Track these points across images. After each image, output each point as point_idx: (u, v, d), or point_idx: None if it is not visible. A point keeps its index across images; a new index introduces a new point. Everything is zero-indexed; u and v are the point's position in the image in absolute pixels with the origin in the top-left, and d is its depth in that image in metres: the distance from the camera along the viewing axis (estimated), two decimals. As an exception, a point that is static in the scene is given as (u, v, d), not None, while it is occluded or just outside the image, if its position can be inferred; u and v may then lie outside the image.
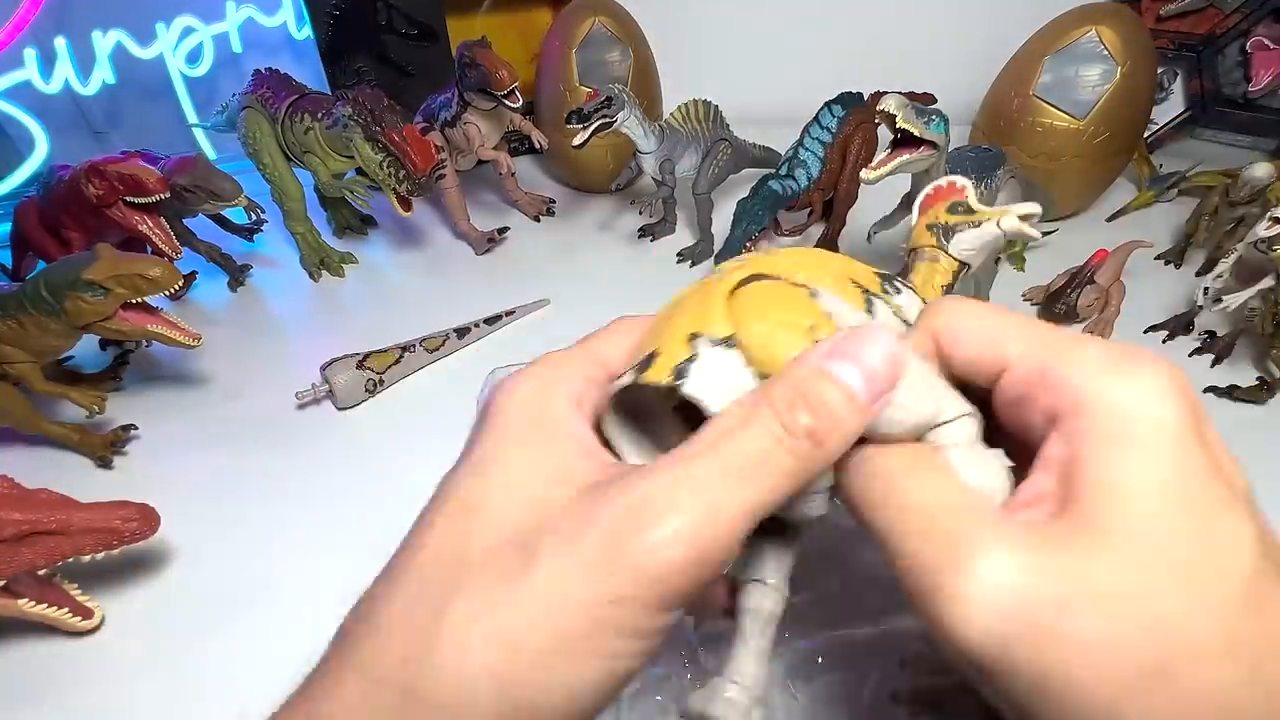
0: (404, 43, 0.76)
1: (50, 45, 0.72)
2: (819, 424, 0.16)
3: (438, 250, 0.72)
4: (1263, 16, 0.72)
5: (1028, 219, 0.31)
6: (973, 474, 0.18)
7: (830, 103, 0.64)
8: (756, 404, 0.16)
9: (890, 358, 0.17)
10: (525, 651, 0.15)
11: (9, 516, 0.34)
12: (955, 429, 0.18)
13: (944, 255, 0.32)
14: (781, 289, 0.20)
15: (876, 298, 0.23)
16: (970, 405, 0.19)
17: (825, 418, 0.16)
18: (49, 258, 0.59)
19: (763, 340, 0.18)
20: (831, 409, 0.16)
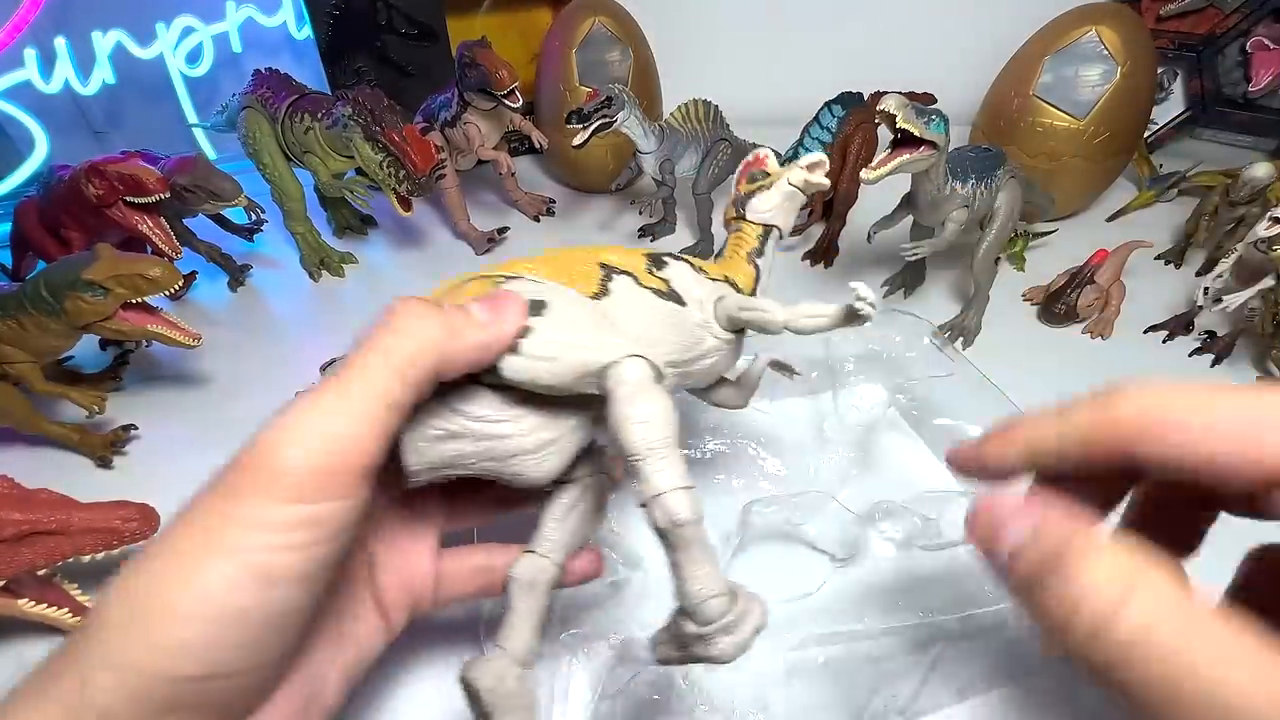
0: (404, 43, 0.75)
1: (50, 45, 0.72)
2: (405, 320, 0.21)
3: (438, 250, 0.72)
4: (1263, 16, 0.72)
5: (815, 168, 0.33)
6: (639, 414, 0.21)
7: (830, 103, 0.64)
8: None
9: (510, 301, 0.23)
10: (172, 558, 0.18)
11: (9, 516, 0.34)
12: (630, 366, 0.22)
13: (744, 223, 0.34)
14: (480, 282, 0.27)
15: (623, 274, 0.28)
16: (632, 346, 0.23)
17: (413, 315, 0.21)
18: (49, 258, 0.59)
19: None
20: (437, 313, 0.21)
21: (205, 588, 0.17)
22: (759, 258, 0.34)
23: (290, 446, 0.19)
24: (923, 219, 0.53)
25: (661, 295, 0.28)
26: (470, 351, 0.21)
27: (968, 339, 0.56)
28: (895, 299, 0.61)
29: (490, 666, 0.23)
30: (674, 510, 0.20)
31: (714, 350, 0.29)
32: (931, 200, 0.50)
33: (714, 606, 0.20)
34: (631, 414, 0.21)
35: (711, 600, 0.20)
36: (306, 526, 0.18)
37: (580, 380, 0.23)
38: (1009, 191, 0.53)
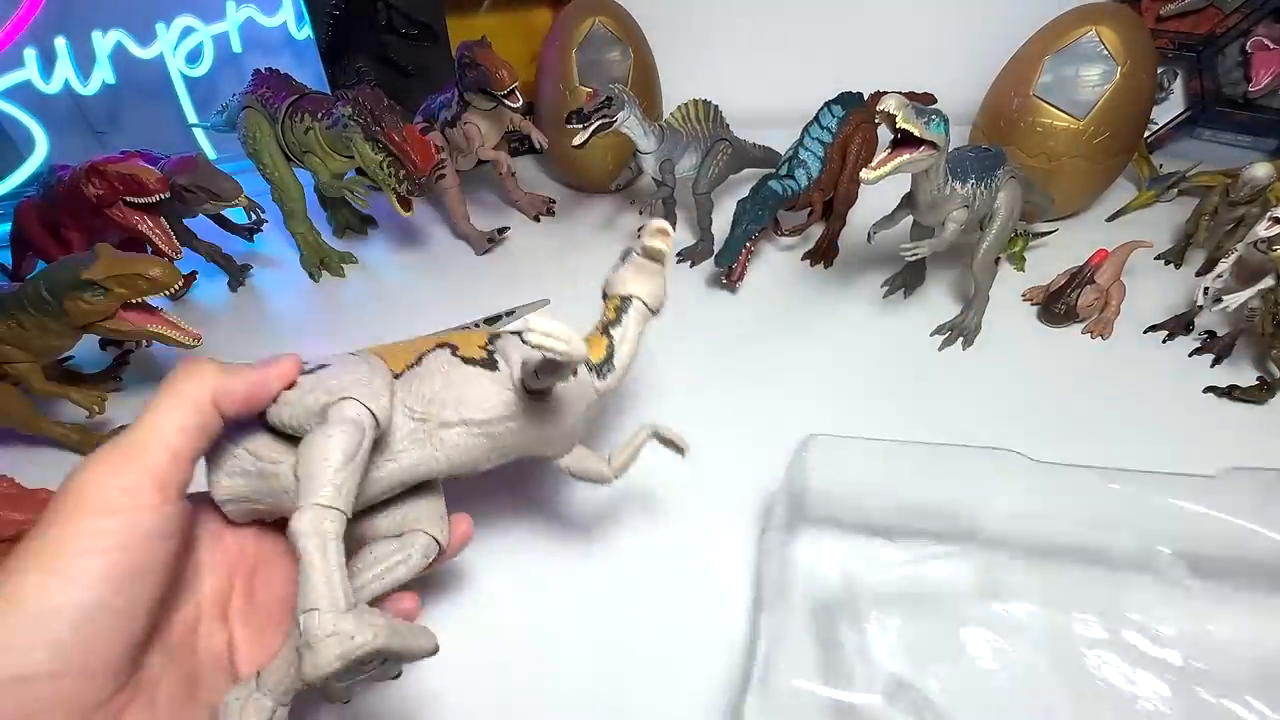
0: (404, 43, 0.76)
1: (50, 45, 0.72)
2: (196, 362, 0.27)
3: (438, 250, 0.72)
4: (1263, 16, 0.72)
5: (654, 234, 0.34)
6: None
7: (830, 103, 0.64)
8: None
9: (285, 360, 0.28)
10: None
11: (9, 516, 0.34)
12: (340, 407, 0.26)
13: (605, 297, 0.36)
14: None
15: (445, 348, 0.32)
16: (364, 391, 0.27)
17: (205, 361, 0.27)
18: (49, 258, 0.59)
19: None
20: (217, 366, 0.26)
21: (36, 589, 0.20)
22: (614, 328, 0.34)
23: (92, 478, 0.23)
24: (923, 219, 0.53)
25: (474, 362, 0.31)
26: (241, 387, 0.26)
27: (968, 339, 0.56)
28: (895, 299, 0.61)
29: (240, 689, 0.25)
30: (294, 524, 0.23)
31: (516, 413, 0.31)
32: (931, 200, 0.50)
33: (306, 620, 0.22)
34: (312, 436, 0.25)
35: (306, 613, 0.22)
36: (114, 532, 0.22)
37: (310, 419, 0.27)
38: (1009, 191, 0.53)
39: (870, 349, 0.56)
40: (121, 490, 0.22)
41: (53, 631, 0.20)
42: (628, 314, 0.34)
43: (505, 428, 0.31)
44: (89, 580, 0.21)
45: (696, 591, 0.39)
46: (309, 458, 0.24)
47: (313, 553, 0.23)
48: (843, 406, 0.51)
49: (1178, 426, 0.49)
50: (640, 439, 0.37)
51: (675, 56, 0.80)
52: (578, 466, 0.36)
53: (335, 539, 0.23)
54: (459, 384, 0.30)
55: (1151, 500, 0.36)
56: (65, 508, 0.22)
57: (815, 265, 0.67)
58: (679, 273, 0.67)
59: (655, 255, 0.34)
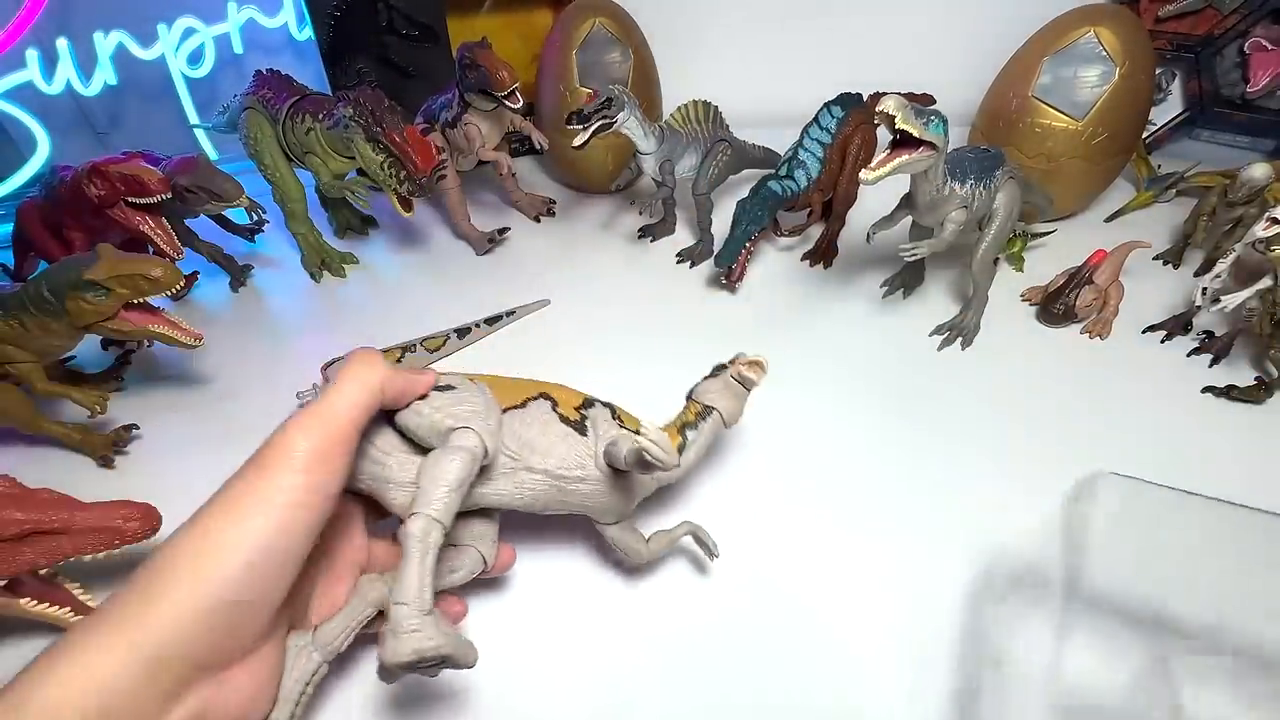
0: (405, 44, 0.76)
1: (52, 46, 0.73)
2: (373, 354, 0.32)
3: (438, 251, 0.72)
4: (1261, 18, 0.72)
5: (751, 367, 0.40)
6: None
7: (829, 103, 0.64)
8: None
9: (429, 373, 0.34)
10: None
11: (11, 516, 0.34)
12: (462, 435, 0.31)
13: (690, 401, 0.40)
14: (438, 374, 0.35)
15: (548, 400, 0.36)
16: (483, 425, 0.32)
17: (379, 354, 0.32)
18: (51, 258, 0.59)
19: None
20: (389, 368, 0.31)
21: (247, 533, 0.25)
22: (690, 430, 0.39)
23: (299, 434, 0.27)
24: (922, 219, 0.53)
25: (567, 422, 0.36)
26: (400, 385, 0.31)
27: (966, 339, 0.56)
28: (895, 299, 0.62)
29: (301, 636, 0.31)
30: (409, 527, 0.28)
31: (591, 479, 0.35)
32: (930, 201, 0.50)
33: (396, 611, 0.26)
34: (437, 456, 0.30)
35: (397, 605, 0.26)
36: (309, 489, 0.26)
37: (435, 436, 0.31)
38: (1007, 192, 0.54)
39: (869, 349, 0.57)
40: (320, 451, 0.27)
41: (266, 570, 0.25)
42: (706, 422, 0.39)
43: (576, 487, 0.35)
44: (263, 530, 0.25)
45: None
46: (431, 474, 0.29)
47: (415, 555, 0.27)
48: (842, 406, 0.51)
49: (1176, 426, 0.49)
50: (679, 533, 0.40)
51: (675, 57, 0.80)
52: (620, 538, 0.38)
53: (435, 549, 0.28)
54: (552, 438, 0.35)
55: None
56: (273, 461, 0.26)
57: (815, 265, 0.67)
58: (678, 273, 0.67)
59: (747, 384, 0.40)
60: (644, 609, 0.39)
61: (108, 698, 0.22)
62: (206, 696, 0.25)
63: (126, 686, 0.22)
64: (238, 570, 0.25)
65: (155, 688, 0.23)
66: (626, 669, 0.36)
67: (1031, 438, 0.48)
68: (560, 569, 0.41)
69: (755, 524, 0.43)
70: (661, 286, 0.65)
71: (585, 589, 0.40)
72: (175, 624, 0.24)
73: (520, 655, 0.37)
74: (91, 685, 0.22)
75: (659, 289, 0.65)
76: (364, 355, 0.31)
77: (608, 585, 0.40)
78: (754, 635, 0.38)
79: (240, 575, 0.25)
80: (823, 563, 0.41)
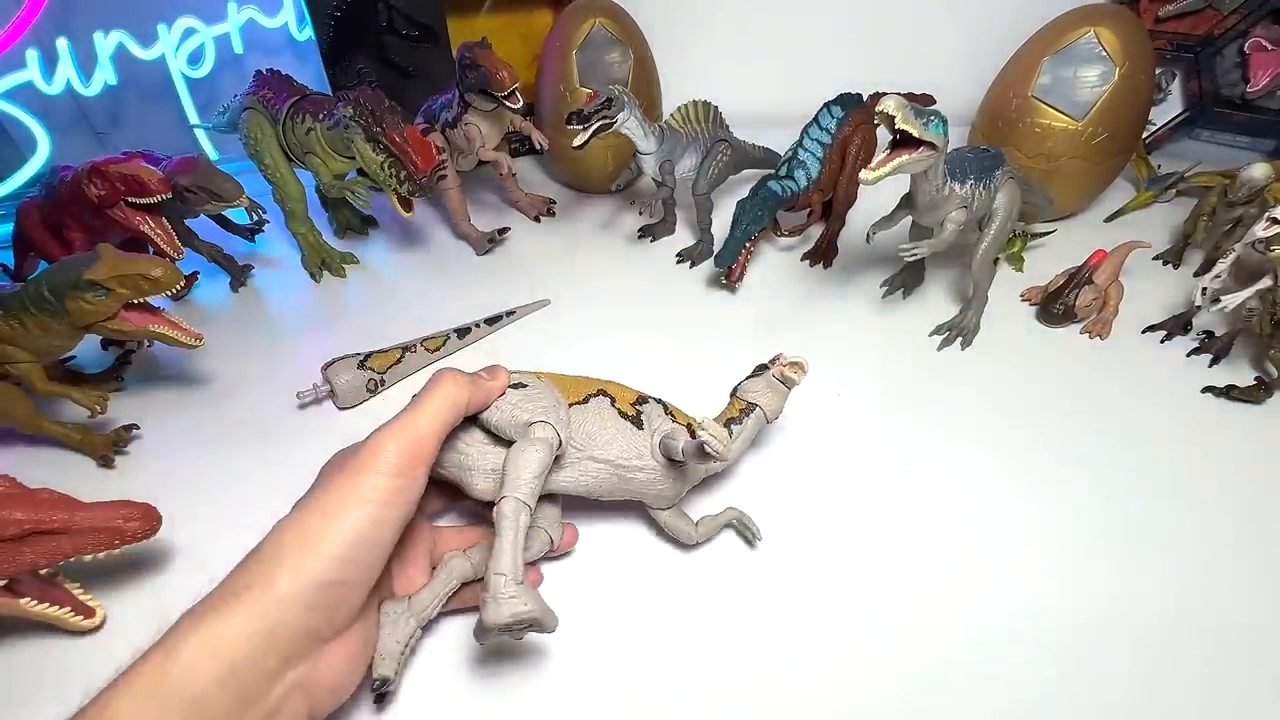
0: (405, 44, 0.76)
1: (52, 46, 0.73)
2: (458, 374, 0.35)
3: (439, 251, 0.72)
4: (1261, 18, 0.72)
5: (794, 367, 0.43)
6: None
7: (829, 104, 0.64)
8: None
9: (503, 371, 0.37)
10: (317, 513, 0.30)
11: (11, 516, 0.34)
12: (540, 428, 0.35)
13: (734, 398, 0.44)
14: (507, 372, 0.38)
15: (607, 397, 0.39)
16: (557, 420, 0.35)
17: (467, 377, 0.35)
18: (51, 258, 0.59)
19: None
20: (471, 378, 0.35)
21: (346, 524, 0.29)
22: (735, 425, 0.42)
23: (390, 443, 0.31)
24: (921, 219, 0.53)
25: (625, 417, 0.39)
26: (481, 397, 0.35)
27: (966, 339, 0.56)
28: (894, 299, 0.62)
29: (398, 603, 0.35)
30: (504, 508, 0.31)
31: (648, 468, 0.38)
32: (930, 201, 0.50)
33: (494, 580, 0.30)
34: (520, 446, 0.34)
35: (495, 575, 0.30)
36: (397, 490, 0.31)
37: (514, 429, 0.35)
38: (1007, 192, 0.54)
39: (869, 349, 0.57)
40: (410, 457, 0.31)
41: (362, 558, 0.29)
42: (749, 418, 0.42)
43: (635, 475, 0.38)
44: (389, 523, 0.30)
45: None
46: (517, 462, 0.33)
47: (509, 532, 0.31)
48: (842, 406, 0.51)
49: (1176, 426, 0.49)
50: (724, 519, 0.42)
51: (675, 57, 0.80)
52: (671, 522, 0.41)
53: (525, 527, 0.31)
54: (612, 431, 0.38)
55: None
56: (369, 464, 0.30)
57: (815, 265, 0.67)
58: (678, 273, 0.67)
59: (788, 383, 0.43)
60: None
61: (234, 659, 0.27)
62: (305, 670, 0.29)
63: (246, 652, 0.27)
64: (337, 558, 0.29)
65: (272, 655, 0.28)
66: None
67: (1031, 437, 0.48)
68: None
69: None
70: (661, 286, 0.65)
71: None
72: (289, 601, 0.28)
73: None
74: (222, 647, 0.27)
75: (659, 289, 0.65)
76: (451, 377, 0.34)
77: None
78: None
79: (340, 562, 0.29)
80: (821, 559, 0.41)
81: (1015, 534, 0.42)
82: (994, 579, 0.40)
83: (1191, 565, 0.40)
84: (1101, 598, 0.39)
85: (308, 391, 0.52)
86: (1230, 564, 0.40)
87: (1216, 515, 0.43)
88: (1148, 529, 0.42)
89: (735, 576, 0.41)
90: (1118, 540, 0.42)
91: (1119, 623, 0.38)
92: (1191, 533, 0.42)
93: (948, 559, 0.41)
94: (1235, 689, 0.35)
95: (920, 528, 0.43)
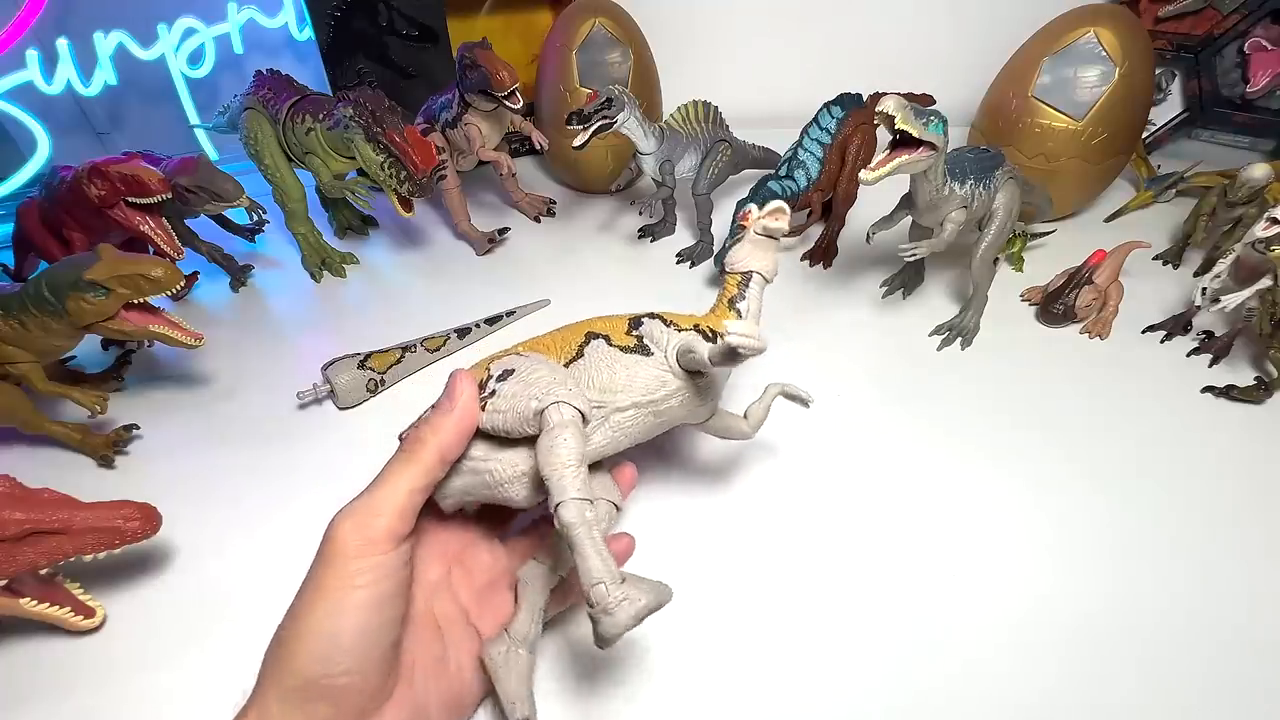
0: (405, 44, 0.76)
1: (52, 46, 0.73)
2: (420, 431, 0.30)
3: (439, 251, 0.72)
4: (1260, 18, 0.72)
5: (774, 214, 0.38)
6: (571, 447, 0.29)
7: (829, 104, 0.64)
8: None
9: (460, 384, 0.31)
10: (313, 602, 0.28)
11: (11, 516, 0.35)
12: (555, 410, 0.30)
13: (725, 275, 0.39)
14: (483, 362, 0.36)
15: (599, 338, 0.36)
16: (567, 392, 0.31)
17: (424, 426, 0.31)
18: (51, 258, 0.59)
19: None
20: (430, 421, 0.31)
21: (322, 616, 0.28)
22: (740, 302, 0.38)
23: (346, 525, 0.29)
24: (921, 219, 0.53)
25: (629, 350, 0.35)
26: (455, 437, 0.31)
27: (966, 339, 0.56)
28: (894, 299, 0.62)
29: (498, 643, 0.32)
30: (564, 517, 0.27)
31: (678, 390, 0.35)
32: (930, 201, 0.50)
33: (597, 591, 0.26)
34: (544, 442, 0.29)
35: (595, 586, 0.26)
36: (369, 570, 0.28)
37: (523, 423, 0.31)
38: (1007, 192, 0.54)
39: (869, 349, 0.57)
40: (367, 541, 0.28)
41: (340, 647, 0.27)
42: (750, 287, 0.38)
43: (668, 405, 0.35)
44: (355, 608, 0.28)
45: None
46: (551, 463, 0.29)
47: (584, 538, 0.27)
48: (842, 406, 0.51)
49: (1175, 426, 0.49)
50: (771, 395, 0.41)
51: (675, 58, 0.80)
52: (721, 425, 0.39)
53: (596, 523, 0.28)
54: (623, 371, 0.34)
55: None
56: (328, 553, 0.28)
57: (815, 265, 0.67)
58: (678, 273, 0.67)
59: (776, 234, 0.38)
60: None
61: None
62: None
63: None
64: (318, 657, 0.27)
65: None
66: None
67: (1031, 437, 0.48)
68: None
69: (751, 523, 0.43)
70: (661, 286, 0.65)
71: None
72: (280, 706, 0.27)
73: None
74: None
75: (659, 289, 0.65)
76: (419, 443, 0.30)
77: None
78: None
79: (319, 661, 0.27)
80: (820, 559, 0.41)
81: (1015, 533, 0.42)
82: (994, 578, 0.40)
83: (1192, 565, 0.40)
84: (1101, 597, 0.39)
85: (308, 391, 0.52)
86: (1230, 564, 0.40)
87: (1217, 515, 0.43)
88: (1148, 529, 0.42)
89: (736, 577, 0.41)
90: (1118, 540, 0.42)
91: (1118, 622, 0.38)
92: (1192, 533, 0.42)
93: (948, 559, 0.41)
94: (1235, 689, 0.35)
95: (920, 527, 0.43)
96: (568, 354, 0.35)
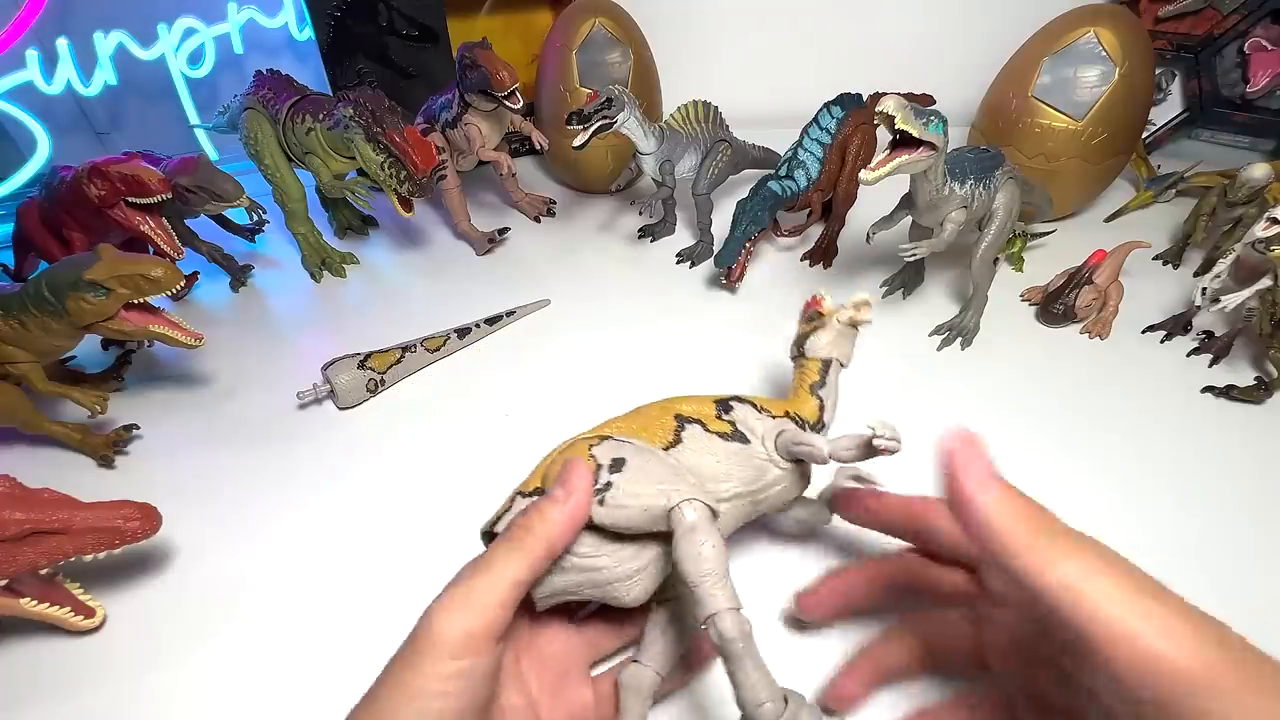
0: (405, 44, 0.76)
1: (52, 46, 0.73)
2: (528, 519, 0.28)
3: (439, 251, 0.72)
4: (1260, 18, 0.72)
5: (860, 307, 0.40)
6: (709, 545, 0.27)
7: (829, 104, 0.64)
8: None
9: (577, 473, 0.29)
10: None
11: (11, 516, 0.35)
12: (688, 509, 0.27)
13: (804, 360, 0.40)
14: (579, 445, 0.32)
15: (694, 423, 0.33)
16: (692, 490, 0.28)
17: (532, 515, 0.28)
18: (51, 258, 0.59)
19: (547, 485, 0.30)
20: (539, 509, 0.28)
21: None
22: (820, 389, 0.38)
23: (445, 623, 0.25)
24: (921, 219, 0.53)
25: (727, 437, 0.33)
26: (566, 529, 0.28)
27: (966, 339, 0.56)
28: (894, 299, 0.62)
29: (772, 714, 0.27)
30: (723, 629, 0.25)
31: (779, 479, 0.34)
32: (930, 201, 0.50)
33: (765, 712, 0.24)
34: (687, 549, 0.26)
35: (762, 707, 0.24)
36: (460, 676, 0.25)
37: (650, 521, 0.28)
38: (1007, 192, 0.54)
39: (869, 349, 0.56)
40: (467, 636, 0.25)
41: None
42: (830, 374, 0.39)
43: (768, 494, 0.34)
44: (440, 714, 0.25)
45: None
46: (699, 571, 0.26)
47: (743, 654, 0.25)
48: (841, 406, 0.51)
49: (1175, 426, 0.49)
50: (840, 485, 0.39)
51: (675, 58, 0.80)
52: (805, 515, 0.39)
53: (752, 635, 0.26)
54: (724, 461, 0.33)
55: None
56: (421, 646, 0.25)
57: (815, 265, 0.67)
58: (678, 273, 0.67)
59: (860, 324, 0.40)
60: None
61: None
62: None
63: None
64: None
65: None
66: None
67: (1031, 437, 0.48)
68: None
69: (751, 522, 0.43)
70: (661, 286, 0.65)
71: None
72: None
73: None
74: None
75: (659, 289, 0.65)
76: (530, 525, 0.27)
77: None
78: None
79: None
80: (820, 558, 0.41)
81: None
82: (994, 579, 0.40)
83: (1192, 565, 0.40)
84: (1101, 598, 0.39)
85: (308, 391, 0.52)
86: (1230, 564, 0.40)
87: (1217, 515, 0.43)
88: (1147, 529, 0.42)
89: (736, 577, 0.41)
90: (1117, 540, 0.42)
91: (1119, 623, 0.37)
92: (1191, 533, 0.42)
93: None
94: (1235, 689, 0.35)
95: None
96: (664, 439, 0.33)
